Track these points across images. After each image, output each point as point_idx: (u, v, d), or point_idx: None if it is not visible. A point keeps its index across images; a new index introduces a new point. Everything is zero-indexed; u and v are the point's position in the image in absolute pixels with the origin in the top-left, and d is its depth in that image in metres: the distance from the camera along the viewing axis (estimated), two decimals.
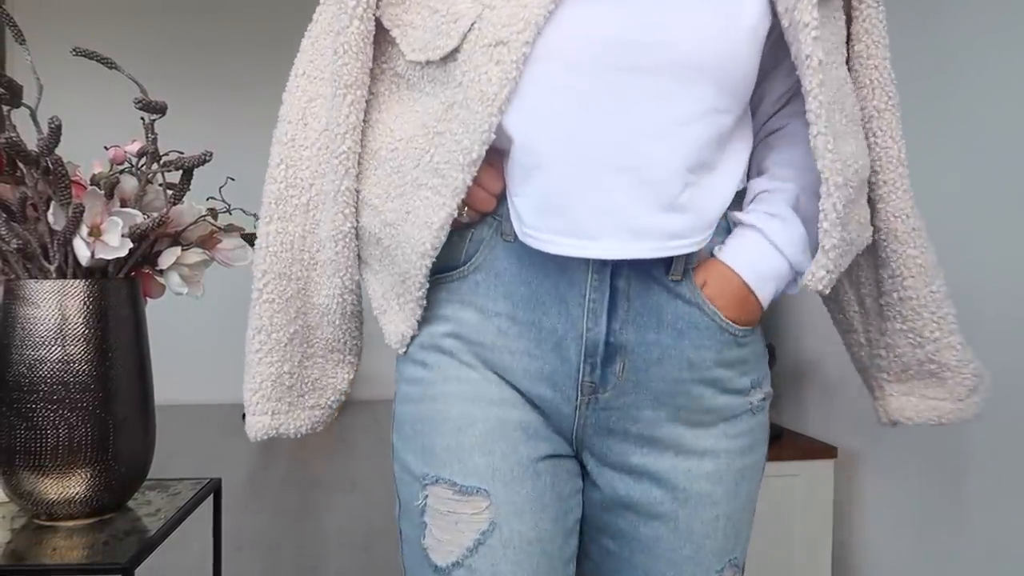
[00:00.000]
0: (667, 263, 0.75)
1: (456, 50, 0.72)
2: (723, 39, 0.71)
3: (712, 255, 0.78)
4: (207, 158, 1.17)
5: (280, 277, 0.83)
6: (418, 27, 0.75)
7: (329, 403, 0.89)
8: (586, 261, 0.74)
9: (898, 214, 0.83)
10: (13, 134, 1.04)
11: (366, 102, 0.79)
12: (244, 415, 0.87)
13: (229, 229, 1.27)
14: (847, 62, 0.85)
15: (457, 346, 0.79)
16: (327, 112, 0.80)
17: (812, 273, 0.77)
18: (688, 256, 0.75)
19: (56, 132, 1.05)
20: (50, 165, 1.06)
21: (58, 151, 1.07)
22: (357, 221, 0.80)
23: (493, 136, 0.70)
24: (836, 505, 2.15)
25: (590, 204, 0.71)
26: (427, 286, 0.78)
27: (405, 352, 0.83)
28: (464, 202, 0.74)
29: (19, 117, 1.08)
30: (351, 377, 0.90)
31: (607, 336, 0.75)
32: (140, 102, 1.13)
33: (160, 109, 1.16)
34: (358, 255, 0.82)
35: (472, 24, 0.71)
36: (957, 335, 0.88)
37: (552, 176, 0.72)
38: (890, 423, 0.94)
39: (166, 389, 2.65)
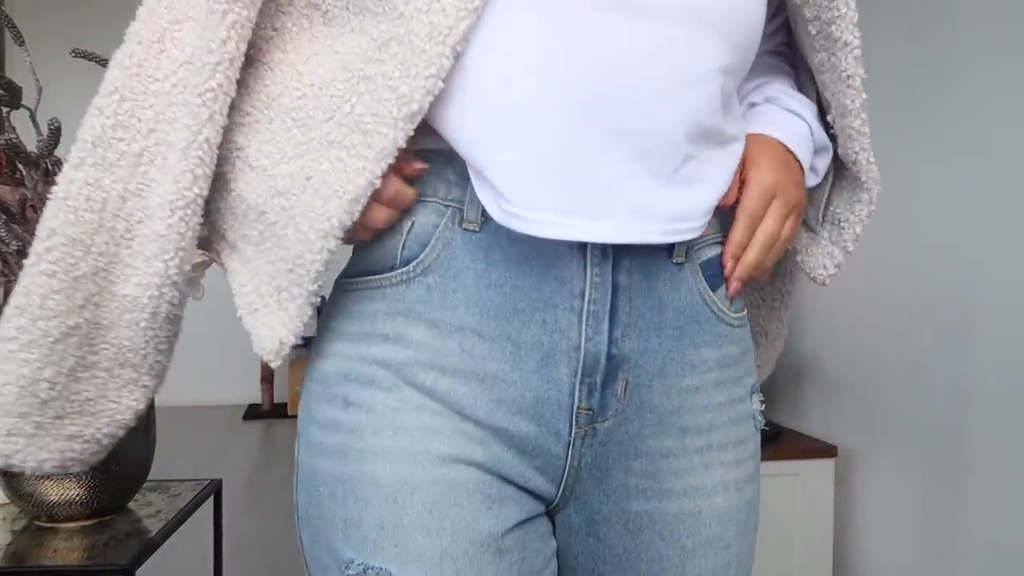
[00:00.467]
0: (669, 247, 0.60)
1: None
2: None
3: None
4: None
5: (74, 244, 0.59)
6: None
7: (97, 437, 0.63)
8: (582, 253, 0.58)
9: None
10: (12, 136, 1.04)
11: (267, 40, 0.60)
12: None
13: None
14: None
15: (395, 379, 0.58)
16: (195, 39, 0.59)
17: (824, 267, 0.75)
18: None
19: (55, 134, 1.05)
20: (49, 166, 1.06)
21: (57, 152, 1.07)
22: (228, 188, 0.60)
23: (442, 83, 0.53)
24: (836, 504, 2.15)
25: (588, 176, 0.54)
26: (323, 277, 0.59)
27: (317, 384, 0.62)
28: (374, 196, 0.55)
29: (18, 119, 1.08)
30: (141, 408, 0.64)
31: (609, 348, 0.59)
32: None
33: None
34: (196, 236, 0.60)
35: None
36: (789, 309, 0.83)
37: (541, 136, 0.54)
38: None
39: (166, 391, 2.65)
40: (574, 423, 0.59)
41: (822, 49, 0.65)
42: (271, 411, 4.71)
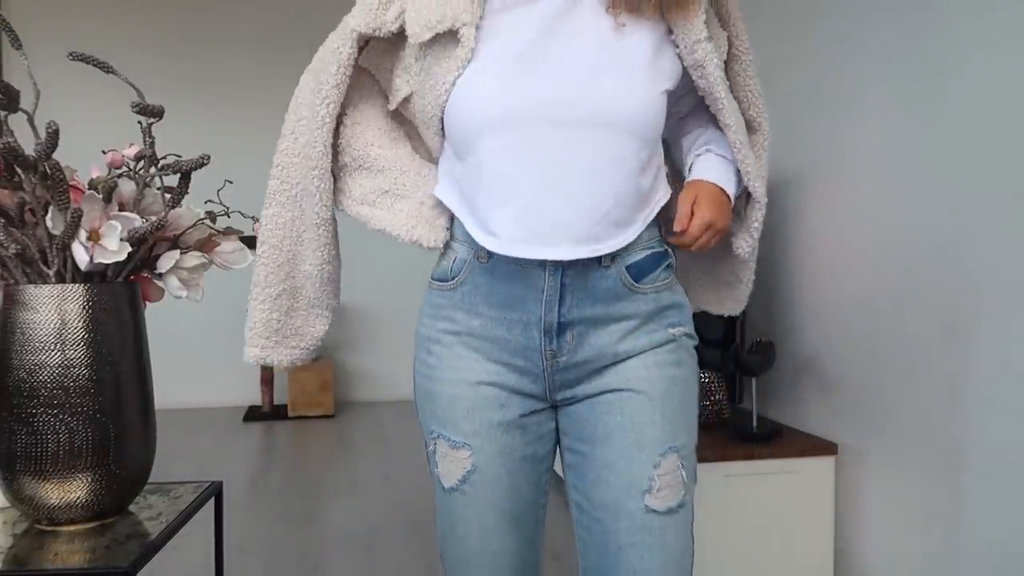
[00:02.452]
0: (598, 258, 1.05)
1: (407, 99, 1.13)
2: (641, 100, 1.03)
3: (690, 178, 1.15)
4: (205, 161, 1.17)
5: (273, 248, 1.14)
6: (386, 80, 1.14)
7: (306, 346, 1.19)
8: (543, 267, 1.04)
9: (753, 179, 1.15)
10: (11, 139, 1.04)
11: (354, 108, 1.15)
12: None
13: (227, 232, 1.27)
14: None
15: (453, 340, 1.11)
16: (308, 132, 1.11)
17: (742, 248, 1.19)
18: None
19: (53, 137, 1.05)
20: (48, 170, 1.06)
21: (56, 156, 1.07)
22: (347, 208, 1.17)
23: (436, 179, 1.15)
24: (836, 502, 2.15)
25: (550, 222, 1.02)
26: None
27: (419, 339, 1.15)
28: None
29: (16, 122, 1.08)
30: (326, 328, 1.20)
31: (559, 319, 1.07)
32: (137, 106, 1.13)
33: (157, 113, 1.16)
34: (335, 236, 1.15)
35: (407, 101, 1.13)
36: (753, 268, 1.26)
37: (520, 204, 1.02)
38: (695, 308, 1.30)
39: (166, 393, 2.66)
40: (543, 358, 1.09)
41: (716, 113, 1.12)
42: (271, 413, 4.71)
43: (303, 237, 1.13)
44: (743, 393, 2.39)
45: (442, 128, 1.09)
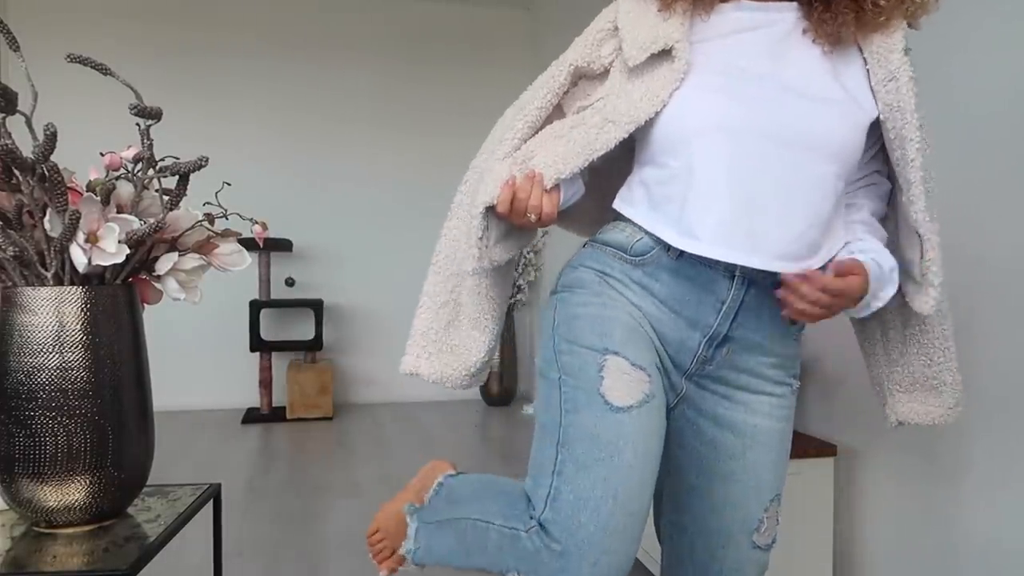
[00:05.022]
0: (779, 285, 1.06)
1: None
2: (848, 130, 1.07)
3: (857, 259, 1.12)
4: (203, 163, 1.17)
5: (447, 259, 1.19)
6: (578, 107, 1.17)
7: (460, 366, 1.20)
8: (731, 277, 1.07)
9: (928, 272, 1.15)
10: (8, 141, 1.04)
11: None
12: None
13: (226, 234, 1.27)
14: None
15: (626, 295, 1.11)
16: (505, 155, 1.12)
17: (926, 303, 1.14)
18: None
19: (52, 139, 1.05)
20: (46, 172, 1.06)
21: (54, 158, 1.07)
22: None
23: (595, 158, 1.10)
24: (836, 503, 2.15)
25: (754, 230, 1.04)
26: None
27: (573, 280, 1.15)
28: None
29: (14, 124, 1.08)
30: (483, 352, 1.20)
31: (727, 331, 1.10)
32: (135, 108, 1.13)
33: (155, 115, 1.16)
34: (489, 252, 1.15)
35: (598, 102, 1.14)
36: (955, 361, 1.21)
37: (727, 210, 1.04)
38: (897, 423, 1.27)
39: (165, 395, 2.65)
40: (694, 360, 1.12)
41: (897, 148, 1.10)
42: (270, 415, 4.70)
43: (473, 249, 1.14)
44: None
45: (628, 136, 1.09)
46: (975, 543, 1.72)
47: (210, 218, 1.26)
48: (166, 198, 1.18)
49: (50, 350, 1.07)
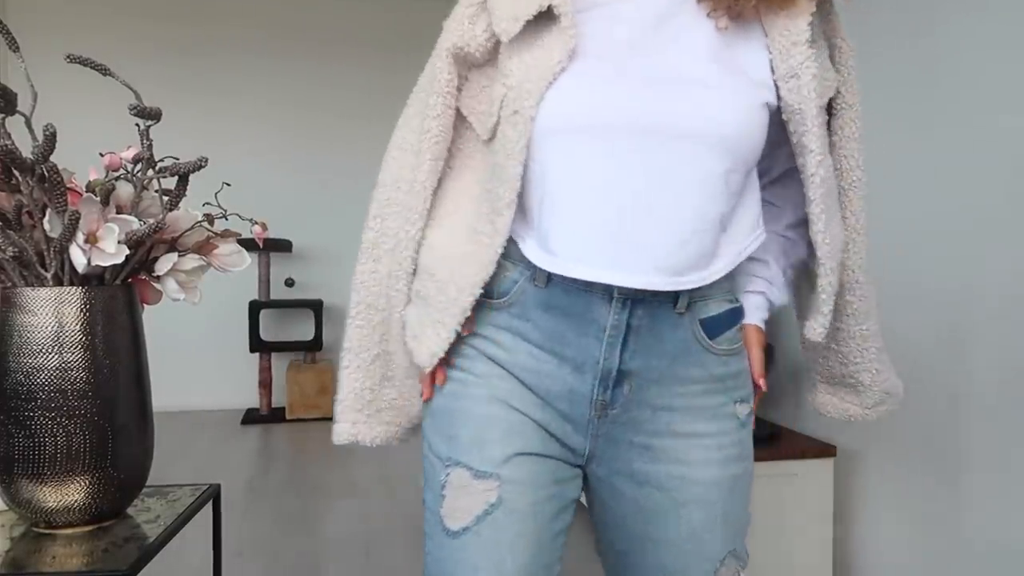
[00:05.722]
0: (674, 298, 0.91)
1: (496, 124, 0.93)
2: (737, 114, 0.88)
3: (747, 325, 1.03)
4: (203, 164, 1.17)
5: (369, 308, 1.02)
6: (483, 112, 0.97)
7: (402, 423, 1.06)
8: (608, 303, 0.90)
9: (852, 269, 1.01)
10: (8, 142, 1.04)
11: (448, 173, 1.00)
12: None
13: (225, 235, 1.27)
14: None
15: (490, 360, 0.95)
16: (412, 170, 0.98)
17: (814, 329, 1.00)
18: (692, 291, 0.92)
19: (51, 139, 1.05)
20: (45, 172, 1.06)
21: (53, 158, 1.07)
22: (419, 262, 0.98)
23: (519, 183, 0.89)
24: (835, 504, 2.15)
25: (622, 242, 0.87)
26: (469, 313, 0.93)
27: (445, 356, 0.97)
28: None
29: (14, 124, 1.08)
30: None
31: (619, 364, 0.92)
32: (135, 108, 1.13)
33: (155, 115, 1.15)
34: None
35: (501, 103, 0.92)
36: (875, 363, 1.08)
37: (588, 219, 0.88)
38: (816, 411, 1.18)
39: (164, 395, 2.65)
40: (592, 408, 0.93)
41: (799, 156, 0.93)
42: (269, 415, 4.70)
43: (394, 291, 1.00)
44: None
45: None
46: (976, 544, 1.72)
47: (210, 218, 1.26)
48: (166, 198, 1.18)
49: (49, 351, 1.07)
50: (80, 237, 1.08)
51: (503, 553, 0.89)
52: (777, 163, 1.04)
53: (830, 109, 0.98)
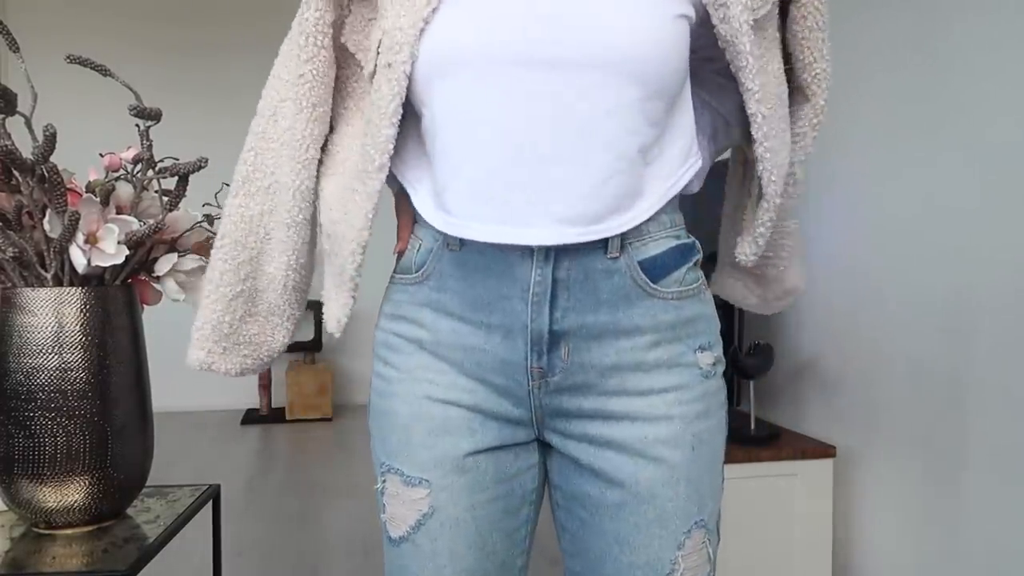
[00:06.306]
0: (604, 243, 0.80)
1: (373, 72, 0.84)
2: (647, 32, 0.76)
3: None
4: (203, 164, 1.17)
5: (235, 244, 0.94)
6: (371, 49, 0.86)
7: (260, 356, 0.99)
8: (529, 257, 0.80)
9: (794, 163, 0.92)
10: (8, 142, 1.04)
11: (339, 116, 0.93)
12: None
13: None
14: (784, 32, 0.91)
15: (414, 346, 0.88)
16: (292, 116, 0.90)
17: (744, 252, 0.92)
18: (623, 232, 0.80)
19: (51, 140, 1.05)
20: (45, 173, 1.06)
21: (53, 159, 1.07)
22: (317, 216, 0.92)
23: (391, 146, 0.81)
24: (835, 504, 2.15)
25: (523, 193, 0.77)
26: (358, 278, 0.88)
27: (376, 345, 0.94)
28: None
29: (14, 125, 1.08)
30: (286, 339, 1.00)
31: (550, 325, 0.82)
32: (135, 109, 1.13)
33: (155, 116, 1.16)
34: (308, 241, 0.94)
35: (377, 48, 0.83)
36: (786, 260, 1.00)
37: (482, 167, 0.78)
38: (715, 291, 1.06)
39: (164, 396, 2.64)
40: (529, 377, 0.84)
41: (735, 72, 0.82)
42: (269, 416, 4.70)
43: (271, 236, 0.94)
44: (741, 396, 2.38)
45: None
46: (976, 544, 1.72)
47: (209, 219, 1.26)
48: (165, 199, 1.18)
49: (49, 351, 1.07)
50: (80, 237, 1.08)
51: (442, 561, 0.86)
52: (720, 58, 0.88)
53: None
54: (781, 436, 2.22)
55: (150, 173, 1.17)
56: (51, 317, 1.07)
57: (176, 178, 1.18)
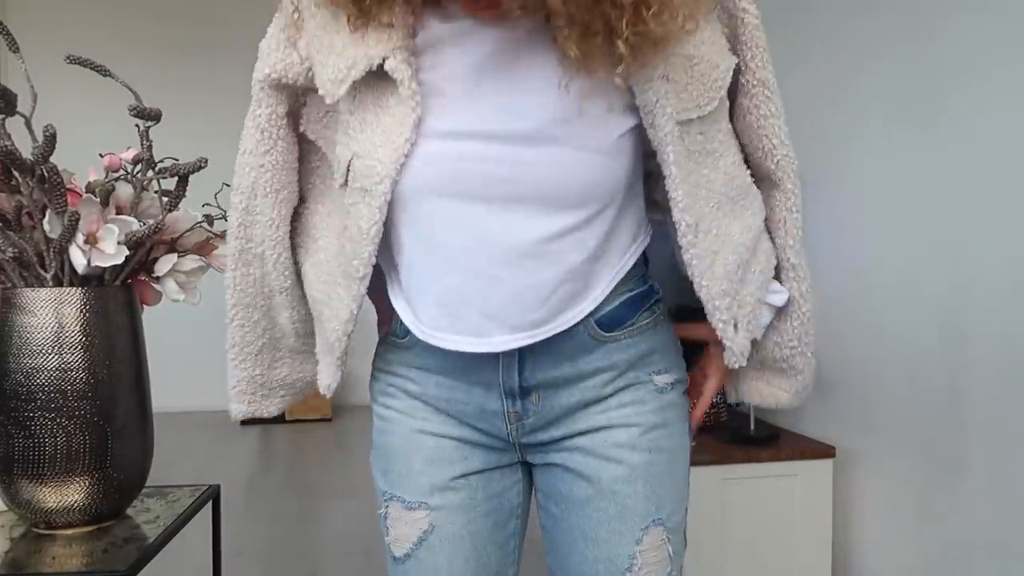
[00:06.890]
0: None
1: (344, 184, 0.88)
2: (590, 168, 0.83)
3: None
4: (202, 165, 1.17)
5: (246, 308, 1.00)
6: (334, 144, 0.91)
7: (297, 393, 1.08)
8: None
9: (786, 250, 0.98)
10: (8, 142, 1.04)
11: (308, 188, 0.99)
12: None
13: (225, 235, 1.27)
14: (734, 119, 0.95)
15: (405, 393, 0.98)
16: (260, 199, 0.95)
17: (730, 355, 0.94)
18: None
19: (51, 140, 1.05)
20: (45, 173, 1.06)
21: (53, 159, 1.07)
22: (305, 288, 1.00)
23: (373, 259, 0.86)
24: (835, 505, 2.15)
25: (477, 311, 0.85)
26: (346, 356, 0.96)
27: (373, 392, 1.03)
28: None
29: (14, 125, 1.08)
30: (315, 369, 1.05)
31: (520, 383, 0.91)
32: (135, 109, 1.13)
33: (155, 116, 1.16)
34: (303, 296, 1.01)
35: (348, 167, 0.86)
36: (811, 347, 1.02)
37: (443, 286, 0.86)
38: (737, 401, 1.11)
39: (164, 396, 2.64)
40: (507, 421, 0.94)
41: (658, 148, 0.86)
42: (269, 416, 4.70)
43: (273, 295, 1.00)
44: None
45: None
46: (976, 544, 1.72)
47: (209, 219, 1.26)
48: (165, 199, 1.18)
49: (49, 351, 1.07)
50: (80, 238, 1.08)
51: (441, 572, 0.95)
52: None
53: (735, 88, 0.91)
54: (781, 436, 2.22)
55: (150, 173, 1.17)
56: (51, 317, 1.07)
57: (176, 178, 1.18)
